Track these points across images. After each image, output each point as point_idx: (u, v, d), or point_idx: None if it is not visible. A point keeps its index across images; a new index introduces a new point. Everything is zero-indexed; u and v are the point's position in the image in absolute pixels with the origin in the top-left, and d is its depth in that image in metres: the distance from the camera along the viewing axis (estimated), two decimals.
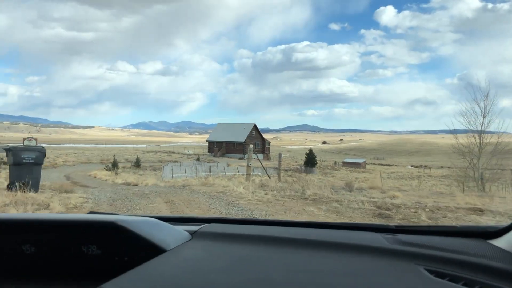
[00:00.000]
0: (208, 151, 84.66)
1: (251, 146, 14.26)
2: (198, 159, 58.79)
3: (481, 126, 21.57)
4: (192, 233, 1.49)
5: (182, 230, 1.49)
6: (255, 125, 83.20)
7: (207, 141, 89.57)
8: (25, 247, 1.33)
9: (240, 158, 70.99)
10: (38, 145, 10.97)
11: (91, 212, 1.83)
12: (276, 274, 1.09)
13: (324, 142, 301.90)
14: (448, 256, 1.21)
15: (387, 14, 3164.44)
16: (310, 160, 50.75)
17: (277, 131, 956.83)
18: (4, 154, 11.36)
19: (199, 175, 36.58)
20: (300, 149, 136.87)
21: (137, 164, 44.36)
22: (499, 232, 1.37)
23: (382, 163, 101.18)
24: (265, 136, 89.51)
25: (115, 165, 37.13)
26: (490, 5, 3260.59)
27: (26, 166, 10.37)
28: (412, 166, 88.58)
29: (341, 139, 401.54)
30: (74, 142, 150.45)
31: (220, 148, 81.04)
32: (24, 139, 11.45)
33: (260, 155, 57.27)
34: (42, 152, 10.65)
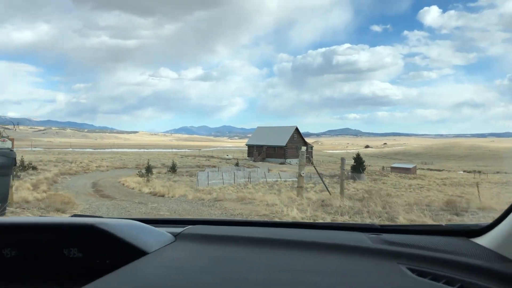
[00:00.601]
0: (248, 156, 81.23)
1: (303, 148, 10.72)
2: (237, 164, 55.39)
3: None
4: (176, 235, 1.47)
5: (165, 232, 1.47)
6: (296, 128, 78.96)
7: (246, 145, 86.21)
8: (6, 251, 1.30)
9: (281, 163, 67.49)
10: (10, 148, 7.78)
11: (74, 215, 1.77)
12: (258, 273, 1.10)
13: (367, 146, 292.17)
14: (431, 255, 1.22)
15: (431, 15, 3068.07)
16: (359, 165, 46.30)
17: (318, 135, 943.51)
18: None
19: (237, 182, 33.54)
20: (342, 154, 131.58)
21: (172, 169, 41.73)
22: (482, 230, 1.39)
23: (431, 168, 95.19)
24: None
25: (148, 170, 34.40)
26: None
27: None
28: (464, 171, 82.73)
29: (385, 143, 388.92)
30: (116, 147, 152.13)
31: (260, 152, 77.50)
32: None
33: None
34: (10, 158, 7.49)
